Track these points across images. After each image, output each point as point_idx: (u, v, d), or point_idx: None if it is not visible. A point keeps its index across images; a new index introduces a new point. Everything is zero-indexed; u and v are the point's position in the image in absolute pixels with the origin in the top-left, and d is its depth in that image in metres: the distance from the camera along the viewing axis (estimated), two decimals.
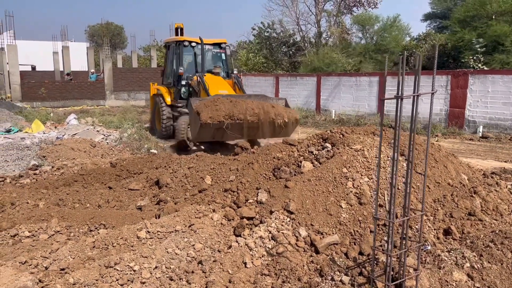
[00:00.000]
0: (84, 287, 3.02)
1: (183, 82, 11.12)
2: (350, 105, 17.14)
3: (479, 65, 16.16)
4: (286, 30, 27.54)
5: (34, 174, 6.70)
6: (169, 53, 12.10)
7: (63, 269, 3.31)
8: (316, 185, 4.22)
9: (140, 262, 3.28)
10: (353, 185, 4.18)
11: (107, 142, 10.01)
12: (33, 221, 4.41)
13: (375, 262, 3.09)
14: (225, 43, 11.93)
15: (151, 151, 9.03)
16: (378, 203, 3.96)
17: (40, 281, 3.10)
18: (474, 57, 16.51)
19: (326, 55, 21.06)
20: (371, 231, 3.72)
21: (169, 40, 12.25)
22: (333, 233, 3.77)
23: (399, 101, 2.33)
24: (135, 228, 3.93)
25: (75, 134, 10.63)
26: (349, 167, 4.37)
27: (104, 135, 10.81)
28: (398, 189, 4.04)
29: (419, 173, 4.37)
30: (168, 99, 11.50)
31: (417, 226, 3.72)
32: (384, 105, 14.67)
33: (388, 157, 4.48)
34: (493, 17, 16.91)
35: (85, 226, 4.35)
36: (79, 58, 39.25)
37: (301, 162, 4.74)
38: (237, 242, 3.67)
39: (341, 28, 25.20)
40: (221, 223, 4.03)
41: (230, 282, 3.14)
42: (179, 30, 12.80)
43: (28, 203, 4.83)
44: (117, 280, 3.11)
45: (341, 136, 5.10)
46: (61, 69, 31.48)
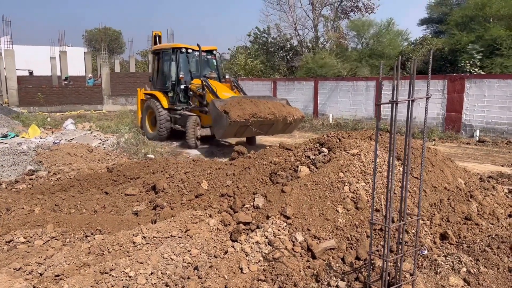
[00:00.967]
0: None
1: (182, 87, 11.70)
2: (348, 110, 17.17)
3: (476, 70, 16.22)
4: (283, 35, 27.61)
5: (30, 180, 6.67)
6: (162, 59, 12.65)
7: (58, 276, 3.28)
8: (313, 190, 4.22)
9: (136, 268, 3.26)
10: (350, 190, 4.18)
11: (104, 147, 9.99)
12: (29, 227, 4.39)
13: (372, 267, 3.08)
14: (216, 50, 12.86)
15: (148, 156, 9.01)
16: (375, 208, 3.95)
17: None
18: (471, 62, 16.57)
19: (321, 60, 21.09)
20: (368, 236, 3.71)
21: (162, 47, 12.78)
22: (330, 238, 3.76)
23: (394, 106, 2.33)
24: (131, 234, 3.91)
25: (72, 139, 10.60)
26: (346, 172, 4.37)
27: (101, 140, 10.79)
28: (395, 194, 4.03)
29: (416, 178, 4.37)
30: (165, 103, 11.98)
31: (414, 231, 3.72)
32: (381, 110, 14.73)
33: (385, 162, 4.48)
34: (491, 20, 16.99)
35: (81, 232, 4.32)
36: (77, 63, 39.24)
37: (298, 167, 4.73)
38: (234, 248, 3.65)
39: (338, 33, 25.28)
40: (218, 228, 4.02)
41: None
42: (157, 38, 13.59)
43: (24, 209, 4.80)
44: (113, 287, 3.09)
45: (338, 141, 5.10)
46: (59, 74, 31.45)
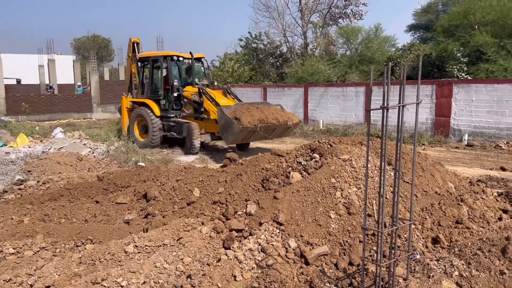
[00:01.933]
0: None
1: (175, 94, 11.80)
2: (338, 115, 17.26)
3: (463, 75, 16.44)
4: (273, 42, 27.75)
5: (19, 189, 6.59)
6: (152, 67, 12.64)
7: (49, 287, 3.23)
8: (305, 196, 4.22)
9: (128, 278, 3.23)
10: (342, 195, 4.19)
11: (94, 156, 9.90)
12: (18, 238, 4.32)
13: (365, 273, 3.09)
14: (203, 57, 13.01)
15: (139, 164, 8.96)
16: (367, 213, 3.96)
17: None
18: (458, 67, 16.79)
19: (311, 66, 21.22)
20: (361, 241, 3.72)
21: (152, 55, 12.73)
22: (323, 244, 3.76)
23: (385, 112, 2.35)
24: (123, 243, 3.87)
25: (61, 148, 10.49)
26: (338, 177, 4.38)
27: (91, 148, 10.69)
28: (387, 199, 4.05)
29: (407, 182, 4.40)
30: (157, 111, 11.99)
31: (406, 235, 3.74)
32: (371, 115, 14.80)
33: (376, 167, 4.51)
34: (476, 27, 17.26)
35: (71, 242, 4.27)
36: (66, 71, 38.94)
37: (290, 173, 4.74)
38: (227, 255, 3.63)
39: (327, 40, 25.47)
40: (210, 236, 4.00)
41: None
42: (135, 45, 13.49)
43: (13, 219, 4.73)
44: None
45: (329, 146, 5.12)
46: (47, 82, 31.19)
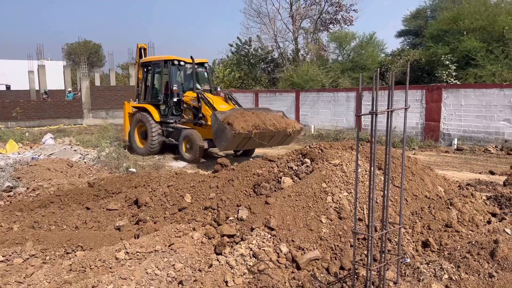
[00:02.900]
0: None
1: (175, 99, 11.57)
2: (329, 120, 17.37)
3: (452, 80, 16.65)
4: (265, 47, 27.88)
5: (8, 196, 6.51)
6: (153, 72, 12.36)
7: None
8: (296, 201, 4.24)
9: (119, 284, 3.21)
10: (333, 200, 4.22)
11: (85, 162, 9.83)
12: (7, 245, 4.27)
13: (356, 277, 3.10)
14: (207, 63, 12.71)
15: (130, 170, 8.91)
16: (358, 217, 3.99)
17: None
18: (447, 72, 17.01)
19: (305, 72, 21.37)
20: (352, 246, 3.74)
21: (153, 59, 12.48)
22: (314, 249, 3.77)
23: (374, 117, 2.38)
24: (114, 249, 3.85)
25: (52, 154, 10.41)
26: (329, 182, 4.41)
27: (82, 155, 10.62)
28: (377, 203, 4.08)
29: (397, 187, 4.44)
30: (157, 116, 11.80)
31: (397, 239, 3.76)
32: (362, 120, 14.94)
33: (367, 171, 4.54)
34: (465, 33, 17.52)
35: (62, 249, 4.23)
36: (56, 77, 38.70)
37: (281, 178, 4.75)
38: (218, 261, 3.63)
39: (318, 45, 25.65)
40: (202, 242, 3.99)
41: None
42: (142, 50, 13.37)
43: (2, 226, 4.69)
44: None
45: (320, 151, 5.15)
46: (37, 88, 30.95)
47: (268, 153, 6.97)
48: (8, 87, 39.01)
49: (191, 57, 11.95)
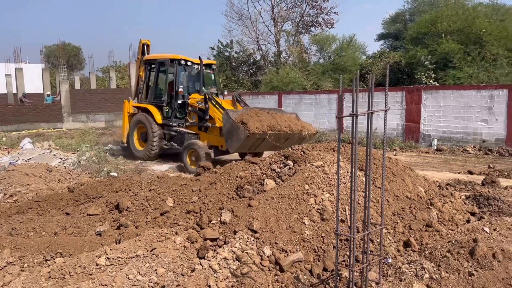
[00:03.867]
0: None
1: (179, 101, 10.94)
2: (311, 122, 17.44)
3: (431, 81, 16.95)
4: (246, 50, 27.92)
5: None
6: (157, 70, 11.69)
7: None
8: (279, 203, 4.24)
9: None
10: (315, 201, 4.23)
11: (65, 166, 9.66)
12: None
13: (339, 278, 3.12)
14: (215, 64, 12.25)
15: (111, 174, 8.79)
16: (340, 218, 4.01)
17: None
18: (426, 74, 17.31)
19: (286, 75, 21.47)
20: (334, 247, 3.75)
21: (159, 57, 11.70)
22: (297, 251, 3.78)
23: (354, 119, 2.40)
24: (94, 255, 3.78)
25: (30, 159, 10.20)
26: (311, 184, 4.42)
27: (61, 159, 10.44)
28: (359, 204, 4.12)
29: (378, 187, 4.48)
30: (159, 118, 11.18)
31: (379, 240, 3.79)
32: (343, 122, 15.04)
33: (349, 173, 4.57)
34: (443, 35, 17.86)
35: (40, 256, 4.13)
36: (34, 80, 37.92)
37: (264, 180, 4.75)
38: (201, 265, 3.60)
39: (300, 48, 25.81)
40: (184, 246, 3.95)
41: None
42: (145, 47, 12.51)
43: None
44: None
45: (302, 153, 5.17)
46: (14, 92, 30.28)
47: (251, 156, 7.03)
48: None
49: (199, 58, 11.34)
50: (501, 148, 12.09)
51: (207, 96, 10.07)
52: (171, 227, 4.36)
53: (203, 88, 11.06)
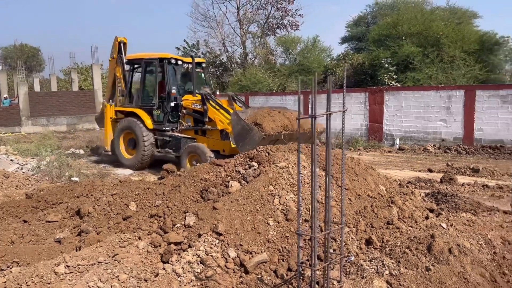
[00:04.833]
0: None
1: (172, 104, 10.16)
2: None
3: (393, 83, 17.44)
4: (213, 51, 27.83)
5: None
6: (144, 71, 10.78)
7: None
8: (244, 205, 4.24)
9: None
10: (280, 202, 4.26)
11: (23, 172, 9.30)
12: None
13: (302, 278, 3.15)
14: (204, 62, 11.51)
15: (72, 179, 8.54)
16: (305, 218, 4.06)
17: None
18: (388, 75, 17.80)
19: (253, 75, 21.56)
20: (300, 247, 3.79)
21: (145, 56, 10.76)
22: (262, 252, 3.79)
23: (313, 120, 2.44)
24: (53, 263, 3.66)
25: None
26: (275, 185, 4.45)
27: (19, 164, 10.04)
28: (322, 204, 4.18)
29: (340, 187, 4.56)
30: (150, 123, 10.31)
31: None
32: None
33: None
34: (404, 38, 18.43)
35: None
36: None
37: (229, 182, 4.74)
38: (165, 269, 3.55)
39: (266, 49, 25.97)
40: (147, 251, 3.89)
41: None
42: (122, 45, 11.51)
43: None
44: None
45: (267, 155, 5.19)
46: None
47: (215, 159, 7.00)
48: None
49: (191, 56, 10.63)
50: (459, 147, 12.59)
51: (205, 97, 9.43)
52: (134, 232, 4.29)
53: (202, 88, 10.24)
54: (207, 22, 28.14)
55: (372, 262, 3.41)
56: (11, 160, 10.38)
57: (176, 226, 4.20)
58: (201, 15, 28.51)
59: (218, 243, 3.86)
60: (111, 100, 11.99)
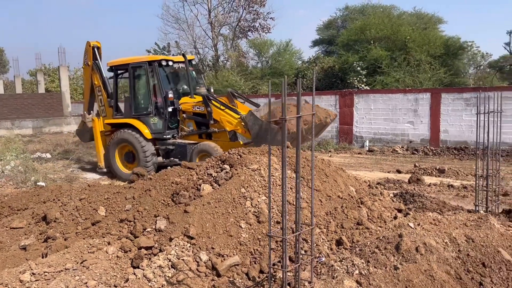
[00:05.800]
0: None
1: (170, 109, 9.45)
2: None
3: (362, 86, 17.81)
4: (184, 53, 27.62)
5: None
6: (133, 77, 9.96)
7: None
8: (216, 208, 4.23)
9: None
10: (252, 204, 4.27)
11: None
12: None
13: (273, 279, 3.17)
14: (193, 59, 10.84)
15: (39, 184, 8.29)
16: (276, 220, 4.09)
17: None
18: (358, 78, 18.16)
19: (225, 77, 21.55)
20: (271, 249, 3.81)
21: (131, 61, 9.94)
22: (234, 254, 3.79)
23: (284, 122, 2.46)
24: (17, 271, 3.54)
25: None
26: (247, 187, 4.46)
27: None
28: (293, 205, 4.21)
29: (311, 188, 4.61)
30: (148, 132, 9.56)
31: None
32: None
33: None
34: (372, 42, 18.85)
35: None
36: None
37: (201, 185, 4.72)
38: (135, 274, 3.50)
39: (238, 52, 26.00)
40: (117, 256, 3.82)
41: None
42: (96, 50, 10.60)
43: None
44: None
45: (239, 157, 5.19)
46: None
47: (187, 162, 6.94)
48: None
49: (183, 55, 9.94)
50: (426, 148, 12.96)
51: (207, 98, 8.87)
52: (103, 237, 4.20)
53: (201, 89, 9.75)
54: (178, 24, 27.93)
55: (343, 262, 3.47)
56: None
57: (147, 231, 4.14)
58: (172, 17, 28.27)
59: (190, 247, 3.83)
60: (92, 111, 11.30)
